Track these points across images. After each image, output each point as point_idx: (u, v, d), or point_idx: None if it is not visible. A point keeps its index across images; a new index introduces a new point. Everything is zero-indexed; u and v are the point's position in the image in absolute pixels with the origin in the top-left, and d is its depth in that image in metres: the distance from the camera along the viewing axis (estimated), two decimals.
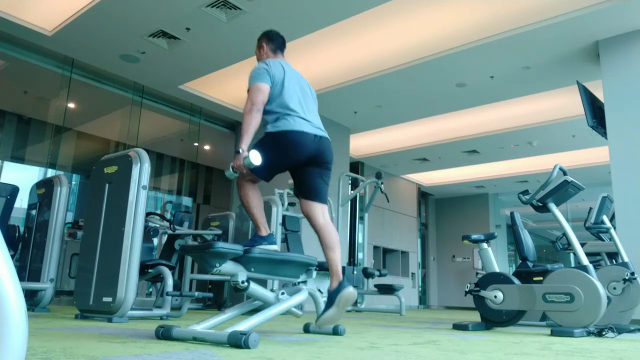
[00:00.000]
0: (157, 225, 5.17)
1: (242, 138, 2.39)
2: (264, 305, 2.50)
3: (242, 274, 2.36)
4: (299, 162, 2.51)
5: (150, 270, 4.15)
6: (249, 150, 2.34)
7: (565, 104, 7.60)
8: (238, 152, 2.36)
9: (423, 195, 13.47)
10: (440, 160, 10.68)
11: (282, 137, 2.45)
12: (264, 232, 2.53)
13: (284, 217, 5.54)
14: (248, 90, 2.51)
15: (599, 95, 5.68)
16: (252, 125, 2.41)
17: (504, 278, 3.77)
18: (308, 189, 2.56)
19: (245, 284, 2.37)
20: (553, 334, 3.26)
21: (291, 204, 6.17)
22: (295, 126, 2.46)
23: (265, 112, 2.51)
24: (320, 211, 2.54)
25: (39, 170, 7.57)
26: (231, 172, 2.40)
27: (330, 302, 2.40)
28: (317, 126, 2.56)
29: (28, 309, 3.33)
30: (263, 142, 2.49)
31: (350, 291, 2.41)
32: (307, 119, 2.52)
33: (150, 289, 7.26)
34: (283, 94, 2.51)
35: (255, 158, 2.32)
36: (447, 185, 12.82)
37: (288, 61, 2.83)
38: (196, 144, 8.94)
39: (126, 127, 7.74)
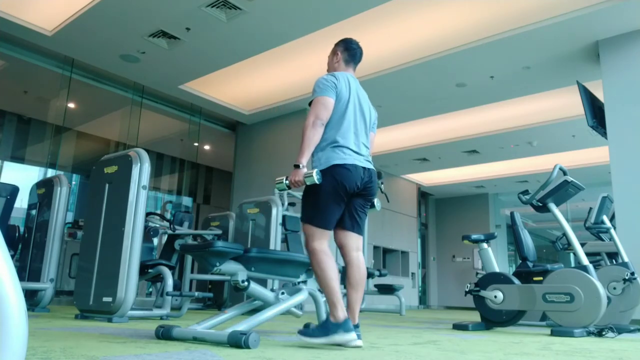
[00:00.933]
0: (157, 225, 5.18)
1: (302, 153, 2.26)
2: (264, 305, 2.50)
3: (242, 274, 2.36)
4: (348, 193, 2.34)
5: (150, 270, 4.15)
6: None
7: (565, 104, 7.60)
8: (297, 167, 2.25)
9: (423, 195, 13.47)
10: (440, 160, 10.68)
11: (332, 171, 2.30)
12: (341, 315, 2.17)
13: (284, 217, 5.54)
14: (310, 103, 2.39)
15: (599, 95, 5.68)
16: (313, 141, 2.29)
17: (504, 278, 3.78)
18: (349, 219, 2.40)
19: (245, 283, 2.37)
20: (553, 334, 3.26)
21: (291, 204, 6.17)
22: (347, 160, 2.33)
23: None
24: (355, 244, 2.41)
25: (39, 170, 7.57)
26: (284, 185, 2.27)
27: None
28: (366, 159, 2.45)
29: (28, 309, 3.34)
30: (313, 186, 2.31)
31: (358, 344, 2.17)
32: (357, 152, 2.40)
33: (150, 289, 7.27)
34: (343, 118, 2.39)
35: (316, 176, 2.22)
36: (447, 185, 12.81)
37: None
38: (196, 144, 8.94)
39: (126, 127, 7.74)
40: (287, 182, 2.26)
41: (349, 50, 2.62)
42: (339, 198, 2.31)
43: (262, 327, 3.11)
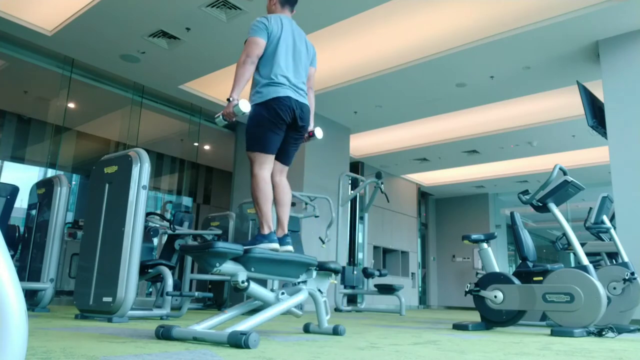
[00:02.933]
0: (157, 225, 5.17)
1: (233, 87, 2.49)
2: (264, 305, 2.50)
3: (242, 274, 2.36)
4: (285, 123, 2.60)
5: (150, 270, 4.15)
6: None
7: (565, 104, 7.60)
8: (229, 100, 2.46)
9: (423, 195, 13.47)
10: (440, 160, 10.68)
11: (268, 104, 2.54)
12: (266, 230, 2.53)
13: None
14: (245, 42, 2.60)
15: (599, 95, 5.68)
16: (244, 77, 2.52)
17: (504, 278, 3.77)
18: (279, 150, 2.67)
19: (245, 283, 2.37)
20: (553, 334, 3.26)
21: (291, 204, 6.16)
22: (280, 92, 2.56)
23: (256, 69, 2.61)
24: (279, 169, 2.72)
25: (39, 170, 7.57)
26: (221, 119, 2.51)
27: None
28: (300, 93, 2.67)
29: (28, 309, 3.34)
30: (254, 114, 2.57)
31: (288, 249, 2.58)
32: (291, 86, 2.62)
33: (150, 289, 7.27)
34: (276, 56, 2.61)
35: (245, 105, 2.43)
36: (447, 185, 12.82)
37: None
38: (196, 144, 8.94)
39: (126, 127, 7.74)
40: (222, 115, 2.50)
41: None
42: (275, 126, 2.56)
43: (262, 327, 3.11)
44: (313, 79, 2.88)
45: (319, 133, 2.91)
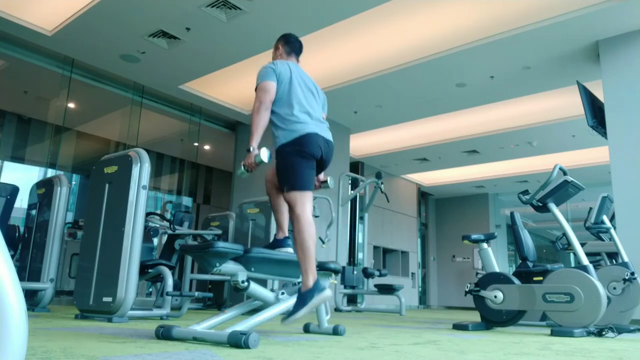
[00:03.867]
0: (157, 225, 5.18)
1: (252, 136, 2.43)
2: (264, 305, 2.50)
3: (242, 274, 2.36)
4: (314, 161, 2.53)
5: (150, 270, 4.15)
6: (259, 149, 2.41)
7: (565, 104, 7.60)
8: (249, 151, 2.40)
9: (423, 195, 13.47)
10: (440, 160, 10.68)
11: (299, 142, 2.46)
12: (311, 281, 2.35)
13: None
14: (256, 89, 2.56)
15: (599, 95, 5.68)
16: (260, 125, 2.46)
17: (504, 278, 3.78)
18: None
19: (245, 283, 2.37)
20: (553, 334, 3.26)
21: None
22: (308, 129, 2.49)
23: (274, 113, 2.54)
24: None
25: (39, 170, 7.57)
26: (242, 171, 2.44)
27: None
28: (324, 127, 2.61)
29: (28, 309, 3.34)
30: (284, 154, 2.48)
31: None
32: (315, 120, 2.56)
33: (150, 289, 7.27)
34: (291, 95, 2.55)
35: (265, 155, 2.38)
36: (447, 185, 12.81)
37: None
38: (196, 144, 8.94)
39: (126, 127, 7.74)
40: (243, 166, 2.42)
41: (288, 43, 2.87)
42: (308, 161, 2.48)
43: (262, 327, 3.11)
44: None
45: (330, 182, 2.87)
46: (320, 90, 2.81)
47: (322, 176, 2.80)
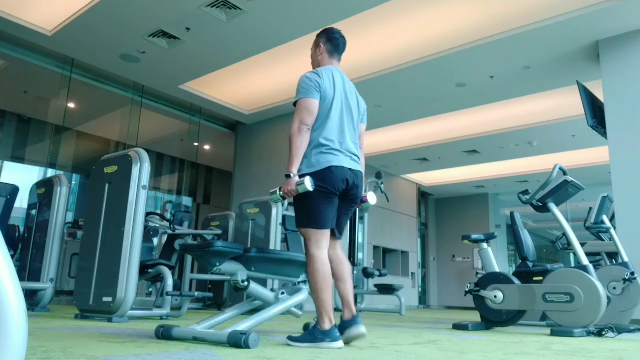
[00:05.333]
0: (157, 225, 5.18)
1: (291, 161, 2.20)
2: (264, 305, 2.50)
3: (242, 274, 2.36)
4: (337, 194, 2.30)
5: (150, 270, 4.15)
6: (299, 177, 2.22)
7: (565, 104, 7.60)
8: (289, 177, 2.19)
9: (423, 195, 13.47)
10: (440, 160, 10.68)
11: (319, 176, 2.24)
12: (327, 324, 2.15)
13: (284, 217, 5.54)
14: (295, 104, 2.32)
15: (599, 95, 5.68)
16: (302, 148, 2.23)
17: (504, 278, 3.78)
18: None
19: (245, 283, 2.37)
20: (553, 334, 3.26)
21: (291, 204, 6.17)
22: (334, 161, 2.27)
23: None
24: (332, 245, 2.38)
25: (39, 170, 7.57)
26: (278, 197, 2.23)
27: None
28: (353, 159, 2.37)
29: (28, 309, 3.34)
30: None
31: (361, 332, 2.21)
32: (344, 152, 2.33)
33: (150, 289, 7.27)
34: (329, 120, 2.31)
35: (309, 184, 2.16)
36: (447, 185, 12.81)
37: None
38: (196, 144, 8.94)
39: (126, 127, 7.74)
40: (281, 192, 2.22)
41: (332, 41, 2.55)
42: (328, 198, 2.26)
43: (262, 327, 3.11)
44: (363, 137, 2.57)
45: (372, 199, 2.63)
46: (362, 100, 2.57)
47: (363, 194, 2.51)
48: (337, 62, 2.57)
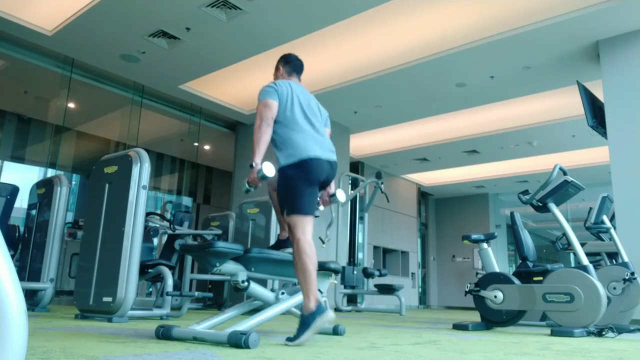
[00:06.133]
0: (157, 225, 5.18)
1: (254, 153, 2.40)
2: (264, 305, 2.50)
3: (242, 274, 2.36)
4: (319, 181, 2.50)
5: (150, 270, 4.15)
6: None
7: (565, 104, 7.60)
8: (252, 167, 2.36)
9: (423, 195, 13.47)
10: (440, 160, 10.68)
11: (302, 166, 2.44)
12: (313, 303, 2.26)
13: None
14: (257, 108, 2.55)
15: (599, 95, 5.68)
16: (262, 141, 2.43)
17: (504, 278, 3.78)
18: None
19: (245, 283, 2.37)
20: (553, 334, 3.26)
21: None
22: (311, 152, 2.46)
23: (275, 133, 2.52)
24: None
25: (39, 170, 7.56)
26: (247, 187, 2.39)
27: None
28: (328, 149, 2.58)
29: (28, 309, 3.33)
30: (285, 176, 2.47)
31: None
32: (317, 141, 2.53)
33: (150, 289, 7.27)
34: (293, 114, 2.53)
35: (269, 170, 2.32)
36: (447, 185, 12.81)
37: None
38: (196, 144, 8.94)
39: (126, 127, 7.74)
40: (247, 183, 2.38)
41: (289, 64, 2.84)
42: (310, 185, 2.46)
43: (262, 327, 3.11)
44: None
45: (341, 196, 2.78)
46: (323, 108, 2.80)
47: (330, 189, 2.75)
48: (297, 80, 2.83)
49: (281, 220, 2.55)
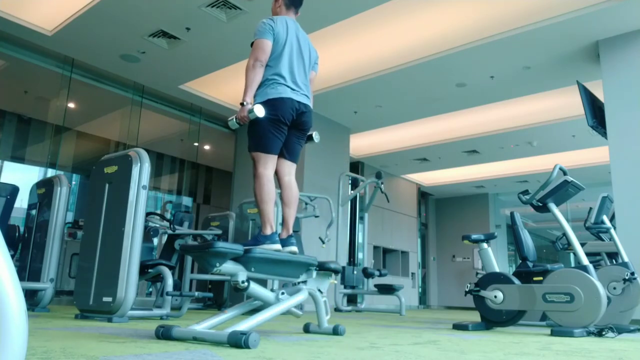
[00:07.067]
0: (157, 225, 5.17)
1: (245, 91, 2.52)
2: (264, 305, 2.50)
3: (242, 274, 2.36)
4: (286, 124, 2.63)
5: (150, 270, 4.15)
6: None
7: (565, 104, 7.60)
8: (242, 105, 2.49)
9: (423, 195, 13.47)
10: (440, 160, 10.68)
11: (269, 104, 2.56)
12: (268, 230, 2.53)
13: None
14: (252, 44, 2.64)
15: (599, 95, 5.68)
16: (255, 80, 2.56)
17: (504, 278, 3.77)
18: (284, 148, 2.70)
19: (245, 283, 2.36)
20: (553, 334, 3.26)
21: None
22: (281, 94, 2.59)
23: None
24: (288, 169, 2.73)
25: (39, 170, 7.56)
26: (234, 123, 2.53)
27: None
28: (303, 93, 2.69)
29: (28, 309, 3.34)
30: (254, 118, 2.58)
31: (293, 250, 2.56)
32: (293, 88, 2.64)
33: (150, 289, 7.27)
34: (280, 59, 2.64)
35: (259, 110, 2.44)
36: (447, 185, 12.81)
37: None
38: (196, 144, 8.94)
39: (126, 127, 7.74)
40: (235, 119, 2.52)
41: None
42: (276, 126, 2.58)
43: (262, 327, 3.11)
44: (313, 84, 2.90)
45: (316, 136, 2.93)
46: (314, 49, 2.89)
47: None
48: (294, 15, 2.91)
49: (262, 215, 2.61)
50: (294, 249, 2.60)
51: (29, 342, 1.59)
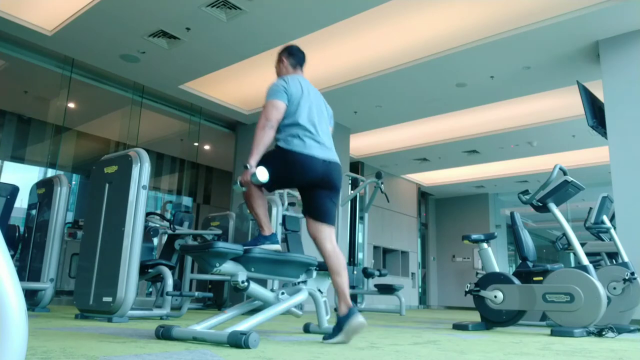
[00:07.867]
0: (157, 225, 5.17)
1: (251, 153, 2.37)
2: (264, 305, 2.50)
3: (242, 274, 2.36)
4: (304, 184, 2.49)
5: (150, 270, 4.15)
6: (257, 166, 2.36)
7: (565, 104, 7.60)
8: (246, 167, 2.35)
9: (423, 195, 13.47)
10: (440, 160, 10.68)
11: (290, 157, 2.42)
12: (267, 231, 2.52)
13: (284, 217, 5.54)
14: (264, 106, 2.48)
15: (599, 95, 5.68)
16: (263, 142, 2.39)
17: (504, 278, 3.77)
18: (316, 209, 2.50)
19: (245, 284, 2.36)
20: (553, 334, 3.26)
21: (291, 204, 6.16)
22: (305, 149, 2.42)
23: (278, 129, 2.48)
24: (328, 235, 2.48)
25: (39, 170, 7.57)
26: (238, 186, 2.41)
27: (339, 329, 2.31)
28: (328, 149, 2.53)
29: (28, 309, 3.34)
30: (273, 155, 2.46)
31: (360, 321, 2.31)
32: (319, 142, 2.49)
33: (150, 289, 7.27)
34: (298, 112, 2.48)
35: (262, 175, 2.31)
36: (447, 185, 12.81)
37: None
38: (196, 144, 8.94)
39: (126, 127, 7.74)
40: (238, 182, 2.41)
41: (293, 55, 2.78)
42: (291, 180, 2.54)
43: (262, 327, 3.11)
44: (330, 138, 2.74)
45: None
46: (328, 106, 2.76)
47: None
48: (301, 73, 2.79)
49: (258, 220, 2.55)
50: (361, 319, 2.34)
51: (29, 342, 1.59)
